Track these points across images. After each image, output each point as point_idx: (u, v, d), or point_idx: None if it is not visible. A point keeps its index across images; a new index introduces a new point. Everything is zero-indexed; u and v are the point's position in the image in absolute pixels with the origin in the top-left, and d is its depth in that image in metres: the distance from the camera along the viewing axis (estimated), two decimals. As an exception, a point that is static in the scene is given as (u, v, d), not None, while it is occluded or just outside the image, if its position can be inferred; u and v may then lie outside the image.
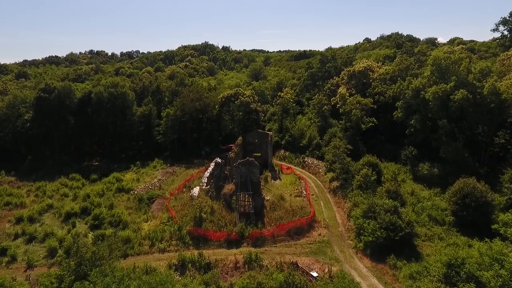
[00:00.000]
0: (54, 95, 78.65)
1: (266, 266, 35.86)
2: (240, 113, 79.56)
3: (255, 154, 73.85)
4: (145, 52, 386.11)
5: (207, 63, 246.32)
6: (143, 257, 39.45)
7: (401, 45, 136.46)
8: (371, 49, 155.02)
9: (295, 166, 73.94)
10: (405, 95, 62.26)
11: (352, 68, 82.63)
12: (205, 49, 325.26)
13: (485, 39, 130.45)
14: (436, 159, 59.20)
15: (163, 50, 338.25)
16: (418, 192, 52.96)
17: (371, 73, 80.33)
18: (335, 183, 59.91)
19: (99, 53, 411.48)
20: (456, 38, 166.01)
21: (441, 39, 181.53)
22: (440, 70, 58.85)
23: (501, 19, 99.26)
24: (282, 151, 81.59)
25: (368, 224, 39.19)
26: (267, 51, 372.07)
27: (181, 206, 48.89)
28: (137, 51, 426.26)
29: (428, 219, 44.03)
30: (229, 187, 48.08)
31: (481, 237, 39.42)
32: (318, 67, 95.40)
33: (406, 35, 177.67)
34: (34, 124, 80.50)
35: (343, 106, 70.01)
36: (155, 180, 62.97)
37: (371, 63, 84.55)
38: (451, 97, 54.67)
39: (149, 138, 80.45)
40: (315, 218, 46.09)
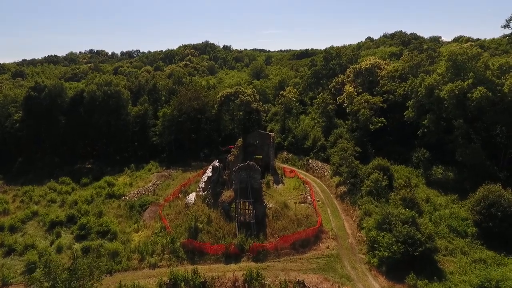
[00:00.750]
0: (44, 94, 74.71)
1: (269, 285, 31.72)
2: (241, 113, 75.45)
3: (256, 157, 69.79)
4: (146, 51, 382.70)
5: (207, 62, 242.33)
6: (131, 274, 35.35)
7: (407, 42, 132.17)
8: (375, 47, 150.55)
9: (299, 169, 69.77)
10: (417, 93, 57.98)
11: (359, 65, 78.35)
12: (206, 48, 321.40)
13: (488, 37, 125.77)
14: (451, 162, 55.09)
15: (163, 50, 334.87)
16: (434, 199, 48.73)
17: (378, 71, 76.09)
18: (342, 188, 55.69)
19: (99, 53, 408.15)
20: (461, 37, 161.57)
21: (444, 38, 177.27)
22: (456, 66, 54.60)
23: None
24: (285, 153, 77.41)
25: (383, 237, 34.99)
26: (268, 51, 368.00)
27: (175, 214, 44.78)
28: (137, 51, 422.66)
29: (448, 230, 39.76)
30: (227, 194, 43.96)
31: (509, 251, 35.48)
32: (322, 64, 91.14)
33: (410, 33, 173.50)
34: (23, 124, 76.59)
35: (350, 105, 65.79)
36: (149, 184, 58.89)
37: (378, 60, 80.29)
38: (469, 95, 50.47)
39: (145, 139, 76.41)
40: (322, 228, 41.91)
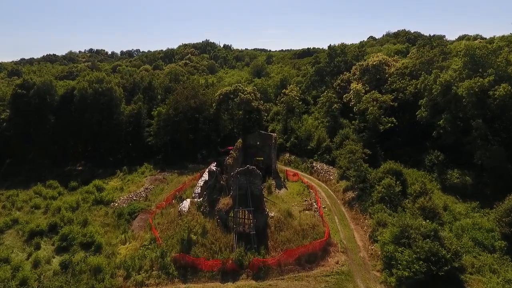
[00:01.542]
0: (33, 91, 70.49)
1: (271, 310, 27.41)
2: (240, 112, 71.13)
3: (257, 159, 65.50)
4: (146, 51, 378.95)
5: (207, 61, 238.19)
6: (114, 294, 31.09)
7: (413, 40, 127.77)
8: (379, 45, 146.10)
9: (302, 172, 65.40)
10: (432, 91, 53.59)
11: (365, 62, 73.99)
12: (206, 47, 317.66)
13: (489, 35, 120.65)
14: (467, 165, 50.83)
15: (164, 49, 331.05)
16: (452, 206, 44.38)
17: (386, 68, 71.75)
18: (350, 194, 51.35)
19: (98, 52, 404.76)
20: (465, 35, 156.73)
21: (448, 37, 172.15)
22: (474, 62, 50.23)
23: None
24: (287, 155, 73.05)
25: (401, 254, 30.61)
26: (269, 50, 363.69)
27: (167, 223, 40.46)
28: (137, 50, 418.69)
29: (473, 243, 35.36)
30: (225, 202, 39.62)
31: (545, 269, 31.19)
32: (326, 61, 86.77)
33: (414, 32, 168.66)
34: (11, 123, 72.46)
35: (358, 104, 61.40)
36: (141, 189, 54.60)
37: (385, 57, 75.93)
38: (490, 93, 46.12)
39: (139, 140, 72.13)
40: (330, 240, 37.54)
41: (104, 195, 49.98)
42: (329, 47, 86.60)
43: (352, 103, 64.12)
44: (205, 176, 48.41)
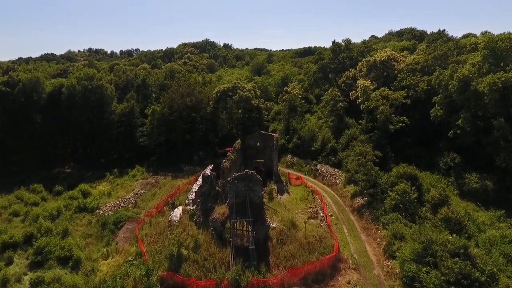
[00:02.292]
0: (18, 89, 66.06)
1: None
2: (239, 111, 66.62)
3: (257, 161, 61.10)
4: (146, 50, 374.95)
5: (207, 60, 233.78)
6: (90, 321, 26.61)
7: (420, 37, 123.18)
8: (383, 43, 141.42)
9: (306, 175, 60.90)
10: (447, 87, 49.07)
11: (372, 58, 69.42)
12: (206, 47, 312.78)
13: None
14: (487, 168, 46.39)
15: (163, 49, 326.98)
16: (474, 215, 39.79)
17: (395, 64, 67.17)
18: (359, 200, 46.83)
19: (98, 51, 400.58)
20: (469, 34, 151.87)
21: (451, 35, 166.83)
22: (495, 55, 45.74)
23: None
24: (289, 156, 68.52)
25: (427, 275, 26.08)
26: (270, 50, 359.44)
27: (156, 235, 35.99)
28: (137, 50, 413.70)
29: (504, 260, 30.76)
30: (220, 211, 35.10)
31: None
32: (330, 58, 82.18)
33: (420, 29, 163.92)
34: (-5, 123, 68.05)
35: (366, 102, 56.87)
36: (131, 194, 50.12)
37: (394, 52, 71.37)
38: (515, 89, 41.66)
39: (131, 140, 67.64)
40: (340, 256, 33.04)
41: (89, 201, 45.43)
42: (333, 42, 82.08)
43: (360, 101, 59.60)
44: (200, 181, 43.91)
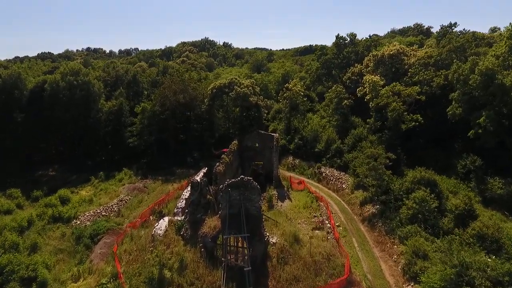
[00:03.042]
0: (-3, 85, 61.11)
1: None
2: (237, 109, 61.62)
3: (256, 163, 56.11)
4: (145, 49, 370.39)
5: (206, 59, 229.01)
6: None
7: (426, 33, 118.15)
8: (389, 38, 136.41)
9: (309, 179, 55.89)
10: (468, 82, 44.01)
11: (380, 52, 64.37)
12: (205, 45, 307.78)
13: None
14: (507, 171, 41.54)
15: (162, 48, 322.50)
16: (502, 226, 34.66)
17: (405, 58, 62.15)
18: (370, 208, 41.78)
19: (96, 51, 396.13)
20: (475, 32, 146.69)
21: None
22: (524, 45, 40.70)
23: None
24: (291, 158, 63.48)
25: (465, 310, 21.07)
26: (270, 49, 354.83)
27: (136, 251, 30.90)
28: (136, 49, 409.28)
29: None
30: (211, 224, 30.06)
31: None
32: (334, 52, 77.06)
33: (424, 25, 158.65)
34: (-27, 122, 63.06)
35: (375, 99, 51.80)
36: (115, 201, 45.01)
37: (403, 46, 66.36)
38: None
39: (120, 140, 62.58)
40: (352, 278, 27.97)
41: (65, 210, 40.28)
42: (337, 36, 77.08)
43: (368, 97, 54.52)
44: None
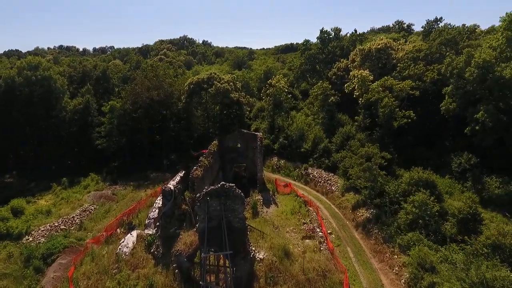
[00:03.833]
0: None
1: None
2: (217, 106, 57.00)
3: (238, 165, 51.82)
4: (121, 48, 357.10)
5: (184, 57, 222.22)
6: None
7: (408, 29, 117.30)
8: (371, 36, 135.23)
9: (295, 181, 52.17)
10: (462, 75, 41.48)
11: (367, 46, 61.49)
12: (184, 43, 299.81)
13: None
14: (507, 170, 39.22)
15: (139, 46, 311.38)
16: (506, 229, 31.93)
17: (393, 52, 59.57)
18: (363, 212, 38.33)
19: (69, 49, 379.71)
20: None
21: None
22: (521, 36, 38.40)
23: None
24: (275, 159, 59.51)
25: None
26: (251, 48, 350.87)
27: (97, 274, 25.77)
28: (112, 47, 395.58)
29: None
30: (187, 239, 25.40)
31: None
32: (318, 47, 73.78)
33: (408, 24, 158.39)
34: None
35: (365, 95, 48.59)
36: (77, 211, 39.34)
37: (390, 40, 63.85)
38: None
39: (87, 142, 56.50)
40: (352, 298, 24.16)
41: (15, 224, 34.35)
42: (321, 31, 73.82)
43: (357, 93, 51.30)
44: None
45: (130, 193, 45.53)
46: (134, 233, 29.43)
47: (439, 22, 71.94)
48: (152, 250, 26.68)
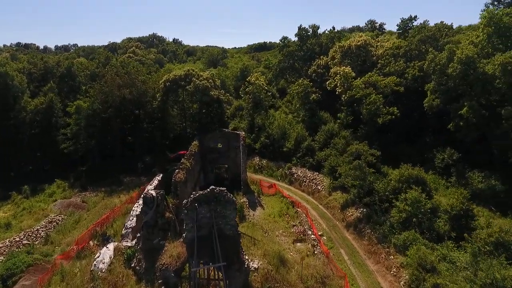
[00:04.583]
0: None
1: None
2: (195, 105, 54.05)
3: (219, 166, 49.34)
4: (85, 45, 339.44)
5: (155, 55, 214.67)
6: None
7: (380, 29, 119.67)
8: (347, 34, 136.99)
9: (279, 181, 50.46)
10: (444, 72, 41.60)
11: (347, 43, 61.05)
12: (153, 41, 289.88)
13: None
14: (488, 165, 39.85)
15: (105, 44, 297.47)
16: (494, 223, 31.98)
17: (373, 49, 59.56)
18: (353, 212, 37.26)
19: (28, 46, 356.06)
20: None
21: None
22: (502, 32, 38.97)
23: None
24: (257, 159, 57.47)
25: None
26: (222, 47, 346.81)
27: (69, 295, 22.44)
28: (75, 45, 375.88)
29: None
30: (174, 252, 22.69)
31: None
32: (297, 44, 72.60)
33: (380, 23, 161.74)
34: None
35: (349, 91, 47.78)
36: (42, 223, 35.08)
37: (369, 38, 63.88)
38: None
39: (50, 145, 51.44)
40: (355, 306, 22.60)
41: (-33, 242, 29.87)
42: (300, 28, 72.70)
43: (340, 90, 50.45)
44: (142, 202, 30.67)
45: (102, 200, 41.59)
46: (111, 245, 26.16)
47: (413, 21, 72.93)
48: (133, 265, 23.67)
